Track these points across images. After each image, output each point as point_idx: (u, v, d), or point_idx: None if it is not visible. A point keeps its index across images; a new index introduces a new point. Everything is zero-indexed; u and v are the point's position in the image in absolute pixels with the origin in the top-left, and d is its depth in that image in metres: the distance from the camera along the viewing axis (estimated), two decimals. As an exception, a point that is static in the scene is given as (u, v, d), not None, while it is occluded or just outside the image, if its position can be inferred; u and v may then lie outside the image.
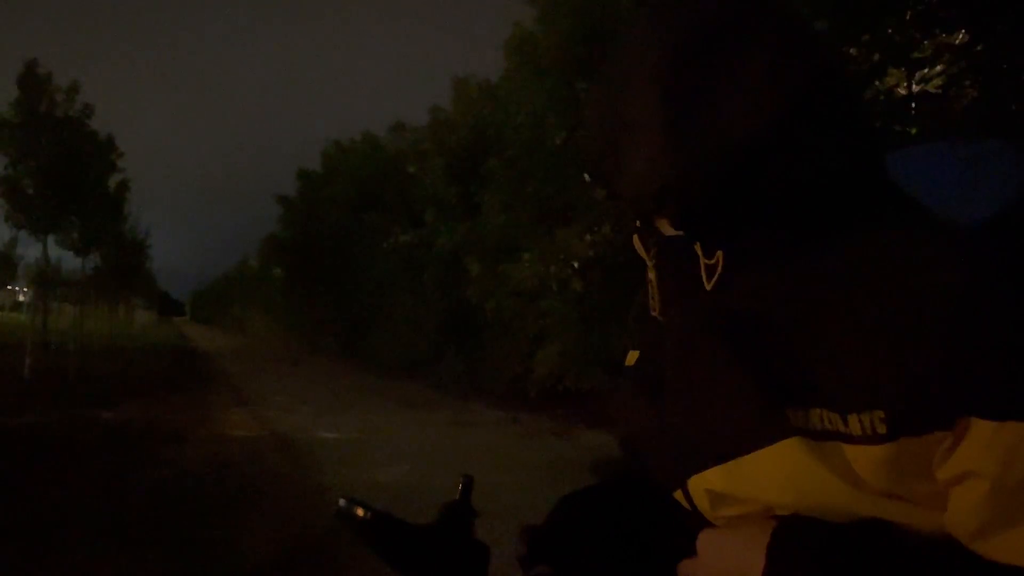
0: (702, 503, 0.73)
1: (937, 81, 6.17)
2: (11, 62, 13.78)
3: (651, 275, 0.78)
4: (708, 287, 0.70)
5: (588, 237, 10.32)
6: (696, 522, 0.75)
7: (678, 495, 0.77)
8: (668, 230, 0.74)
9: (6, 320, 46.67)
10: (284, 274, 32.84)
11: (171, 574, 3.93)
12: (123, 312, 40.81)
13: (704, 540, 0.71)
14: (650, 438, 0.81)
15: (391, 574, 0.78)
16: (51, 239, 14.72)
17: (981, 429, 0.55)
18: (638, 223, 0.79)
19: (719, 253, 0.69)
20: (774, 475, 0.64)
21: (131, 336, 34.71)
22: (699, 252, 0.70)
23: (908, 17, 6.07)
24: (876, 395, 0.58)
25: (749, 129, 0.62)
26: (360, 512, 0.76)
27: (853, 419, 0.59)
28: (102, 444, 7.49)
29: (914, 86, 6.31)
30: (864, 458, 0.59)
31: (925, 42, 6.12)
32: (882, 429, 0.58)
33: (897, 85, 6.32)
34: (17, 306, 73.07)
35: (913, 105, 6.21)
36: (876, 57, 6.28)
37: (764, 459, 0.64)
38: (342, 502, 0.77)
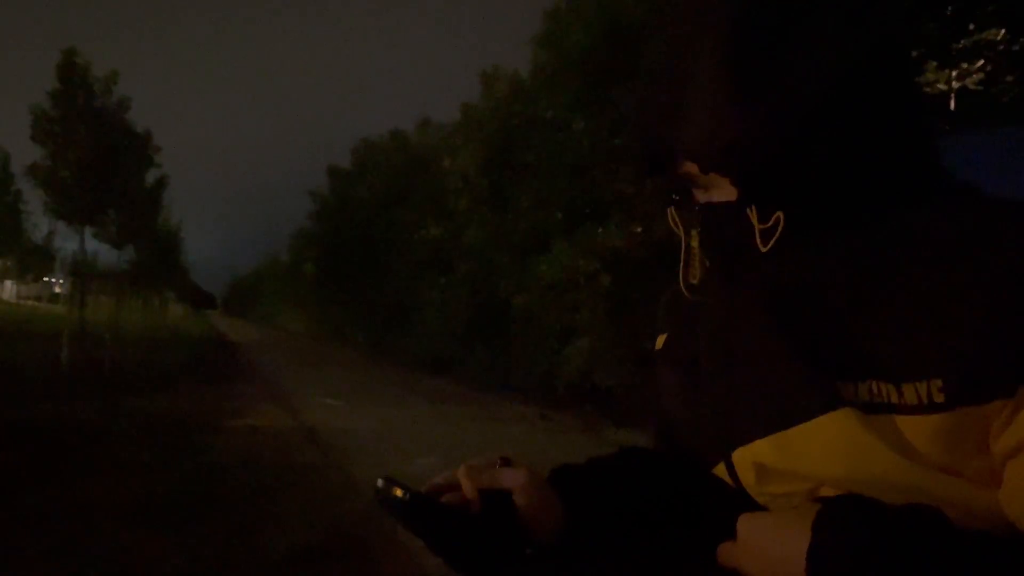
0: (747, 477, 0.72)
1: (976, 77, 6.06)
2: (51, 53, 13.94)
3: (694, 243, 0.76)
4: (764, 250, 0.67)
5: (616, 231, 10.29)
6: (734, 502, 0.73)
7: (719, 470, 0.75)
8: (715, 196, 0.72)
9: (44, 311, 47.61)
10: (314, 269, 33.14)
11: (203, 561, 3.99)
12: (157, 304, 41.45)
13: (745, 522, 0.69)
14: (687, 415, 0.80)
15: (423, 565, 0.78)
16: (88, 232, 14.96)
17: None
18: (675, 196, 0.77)
19: (778, 215, 0.67)
20: (825, 447, 0.63)
21: (164, 328, 35.21)
22: (753, 216, 0.68)
23: (948, 13, 5.98)
24: (935, 363, 0.57)
25: (817, 92, 0.62)
26: (399, 493, 0.74)
27: (909, 388, 0.58)
28: (136, 433, 7.62)
29: (953, 82, 6.20)
30: (919, 429, 0.58)
31: (963, 41, 6.02)
32: (940, 398, 0.57)
33: (936, 81, 6.22)
34: (54, 297, 74.55)
35: (952, 101, 6.10)
36: (915, 53, 6.18)
37: (814, 430, 0.63)
38: (380, 483, 0.75)
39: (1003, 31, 5.83)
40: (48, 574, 3.76)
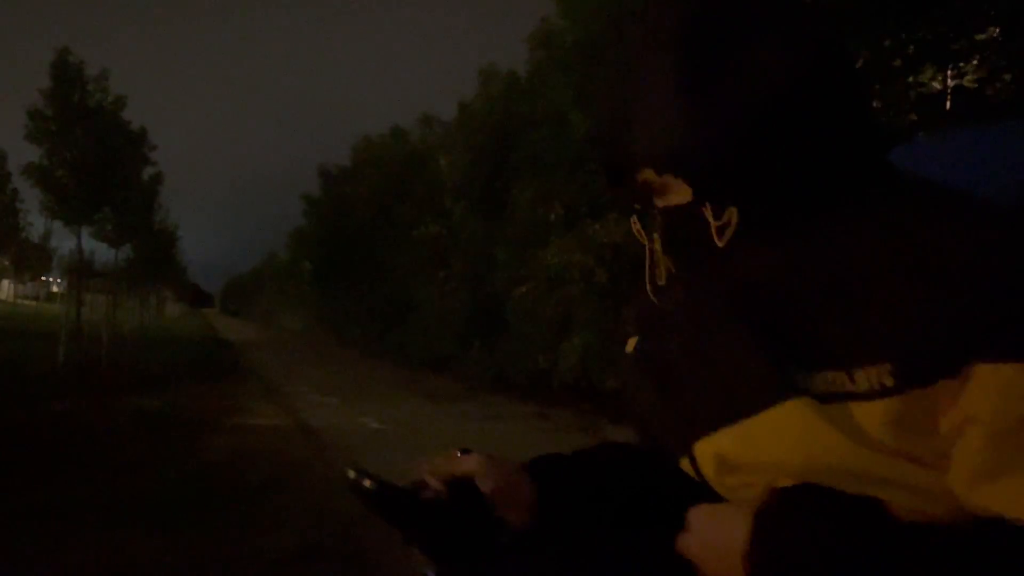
0: (708, 469, 0.74)
1: (973, 76, 6.07)
2: (44, 52, 13.88)
3: (656, 246, 0.78)
4: (720, 244, 0.69)
5: (614, 228, 10.30)
6: (700, 496, 0.75)
7: (685, 464, 0.77)
8: (673, 200, 0.75)
9: (41, 310, 47.57)
10: (312, 267, 33.11)
11: (199, 559, 3.99)
12: (154, 303, 41.41)
13: (694, 513, 0.72)
14: (656, 412, 0.81)
15: (416, 562, 0.79)
16: (85, 231, 14.92)
17: (979, 373, 0.56)
18: (637, 206, 0.80)
19: (731, 210, 0.69)
20: (780, 437, 0.65)
21: (162, 327, 35.21)
22: (708, 214, 0.70)
23: (942, 13, 5.98)
24: (883, 348, 0.59)
25: (765, 93, 0.65)
26: (368, 483, 0.77)
27: (860, 375, 0.60)
28: (132, 431, 7.61)
29: (949, 81, 6.21)
30: (873, 415, 0.59)
31: (959, 41, 6.03)
32: (889, 382, 0.58)
33: (932, 79, 6.23)
34: (51, 296, 74.42)
35: (948, 100, 6.11)
36: (911, 51, 6.19)
37: (770, 421, 0.65)
38: (351, 473, 0.78)
39: (998, 29, 5.83)
40: (43, 572, 3.76)
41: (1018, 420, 0.55)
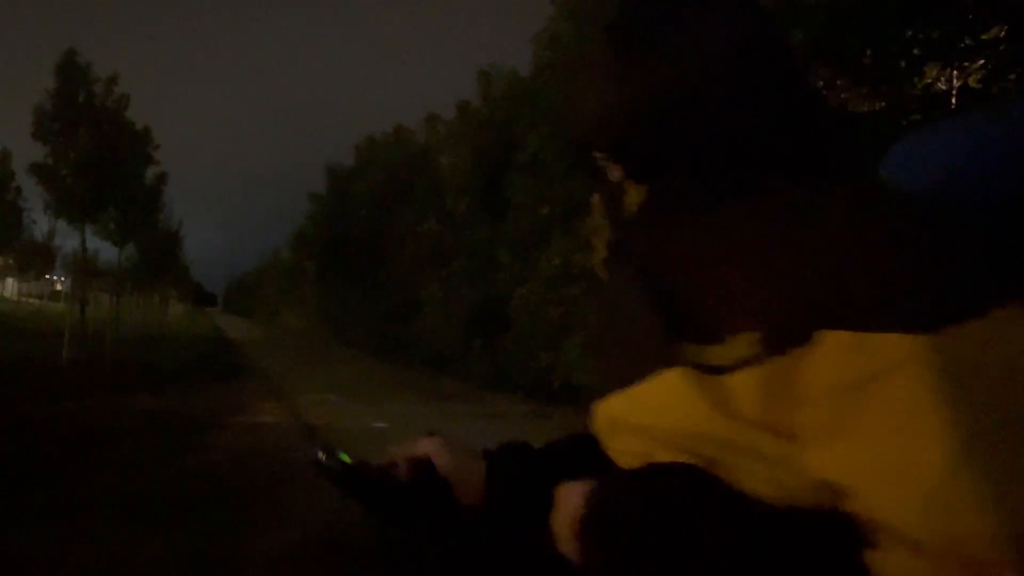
0: (602, 431, 0.79)
1: (977, 76, 6.06)
2: (51, 51, 13.90)
3: (599, 221, 0.83)
4: (627, 219, 0.75)
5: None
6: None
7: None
8: (614, 177, 0.78)
9: (45, 309, 47.67)
10: (315, 267, 33.13)
11: (202, 557, 4.00)
12: (158, 302, 41.46)
13: (559, 489, 0.75)
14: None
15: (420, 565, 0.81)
16: (89, 230, 14.94)
17: (821, 339, 0.57)
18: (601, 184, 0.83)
19: (641, 188, 0.74)
20: (659, 403, 0.68)
21: (165, 326, 35.25)
22: (631, 192, 0.75)
23: (948, 12, 5.97)
24: (752, 318, 0.61)
25: (684, 78, 0.67)
26: (334, 463, 0.79)
27: (733, 344, 0.62)
28: (136, 430, 7.63)
29: (954, 80, 6.20)
30: (742, 385, 0.61)
31: (964, 40, 6.02)
32: (756, 350, 0.60)
33: (937, 79, 6.22)
34: (55, 295, 74.56)
35: (953, 99, 6.10)
36: (916, 51, 6.18)
37: (654, 387, 0.68)
38: (320, 454, 0.79)
39: (1004, 28, 5.81)
40: (49, 569, 3.77)
41: (850, 384, 0.55)
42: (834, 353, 0.56)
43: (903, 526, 0.53)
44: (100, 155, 13.35)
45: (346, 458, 0.79)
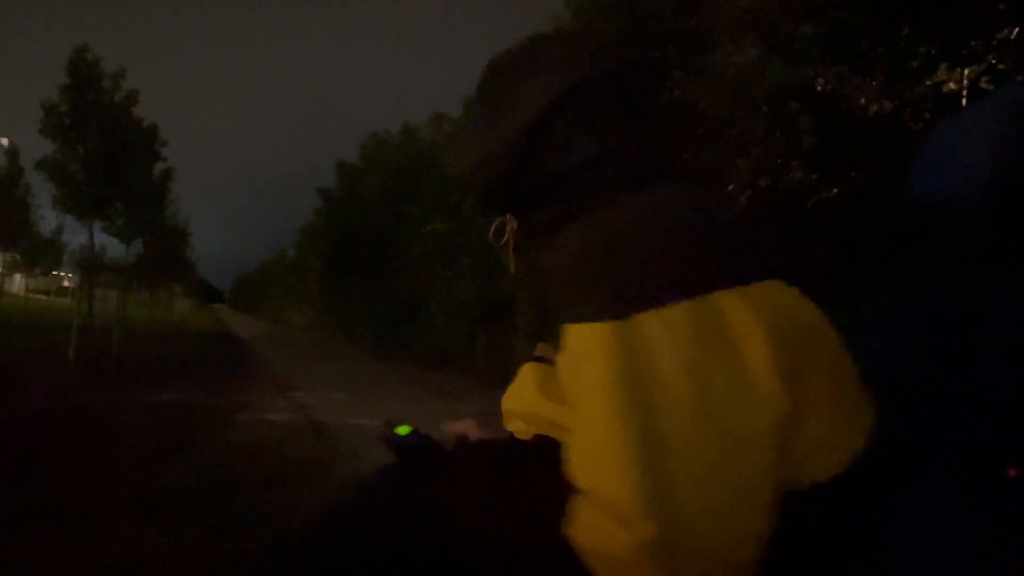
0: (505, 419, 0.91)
1: (987, 77, 6.03)
2: (60, 47, 13.93)
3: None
4: (499, 246, 0.89)
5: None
6: None
7: None
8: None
9: (52, 304, 47.84)
10: (321, 264, 33.16)
11: (208, 553, 4.00)
12: (164, 298, 41.55)
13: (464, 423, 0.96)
14: None
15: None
16: (97, 226, 14.98)
17: (564, 332, 0.70)
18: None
19: (510, 219, 0.86)
20: (518, 389, 0.85)
21: (172, 322, 35.35)
22: (506, 224, 0.87)
23: (959, 13, 5.94)
24: (564, 315, 0.71)
25: (517, 131, 0.77)
26: (400, 432, 0.92)
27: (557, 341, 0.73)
28: (143, 426, 7.66)
29: (965, 80, 6.17)
30: (560, 373, 0.73)
31: (974, 41, 5.98)
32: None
33: (949, 79, 6.19)
34: (62, 291, 74.82)
35: (965, 99, 6.07)
36: (928, 50, 6.15)
37: (519, 377, 0.86)
38: (405, 430, 0.93)
39: (1016, 29, 5.78)
40: (56, 564, 3.78)
41: (570, 368, 0.68)
42: (566, 343, 0.69)
43: (578, 479, 0.64)
44: (109, 151, 13.38)
45: (405, 430, 0.92)
